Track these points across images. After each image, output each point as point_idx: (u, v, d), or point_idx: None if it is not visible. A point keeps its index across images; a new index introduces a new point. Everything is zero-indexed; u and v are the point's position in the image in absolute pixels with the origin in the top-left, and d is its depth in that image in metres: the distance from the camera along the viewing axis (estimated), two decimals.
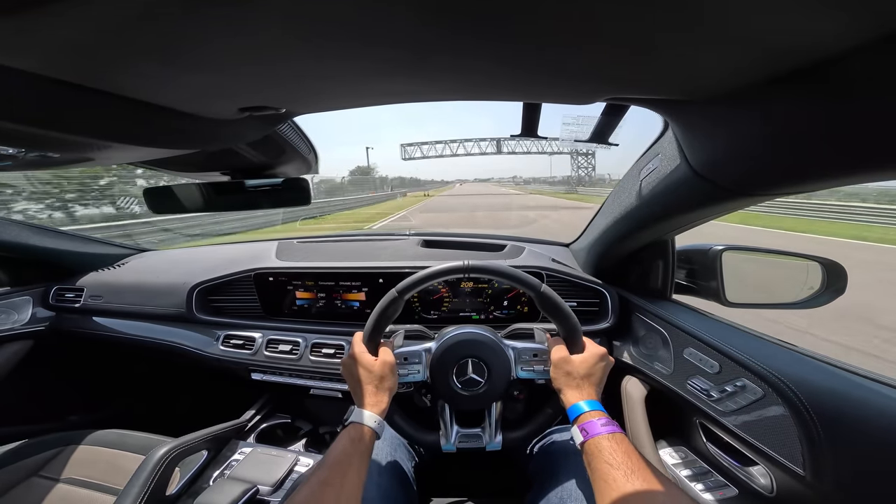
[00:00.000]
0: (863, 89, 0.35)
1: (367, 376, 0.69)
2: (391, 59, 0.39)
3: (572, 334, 0.73)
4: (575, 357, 0.70)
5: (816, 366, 0.67)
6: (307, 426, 1.33)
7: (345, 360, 0.73)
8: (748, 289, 0.97)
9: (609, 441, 0.56)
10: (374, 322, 0.73)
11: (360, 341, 0.74)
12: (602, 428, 0.58)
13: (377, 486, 0.74)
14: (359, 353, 0.71)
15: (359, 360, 0.70)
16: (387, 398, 0.69)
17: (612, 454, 0.54)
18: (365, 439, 0.62)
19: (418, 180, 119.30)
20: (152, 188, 0.83)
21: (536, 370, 0.78)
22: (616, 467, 0.52)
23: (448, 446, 0.77)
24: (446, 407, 0.80)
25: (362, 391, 0.68)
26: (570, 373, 0.68)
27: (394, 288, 0.74)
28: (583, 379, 0.67)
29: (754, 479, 0.73)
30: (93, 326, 1.39)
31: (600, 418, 0.60)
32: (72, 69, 0.36)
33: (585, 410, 0.62)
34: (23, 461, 1.04)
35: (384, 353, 0.73)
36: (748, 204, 0.64)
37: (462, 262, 0.75)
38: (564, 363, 0.69)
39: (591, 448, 0.57)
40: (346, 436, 0.62)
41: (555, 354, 0.72)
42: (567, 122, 0.66)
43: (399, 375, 0.76)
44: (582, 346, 0.72)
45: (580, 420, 0.62)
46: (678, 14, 0.29)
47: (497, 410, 0.80)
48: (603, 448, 0.56)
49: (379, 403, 0.67)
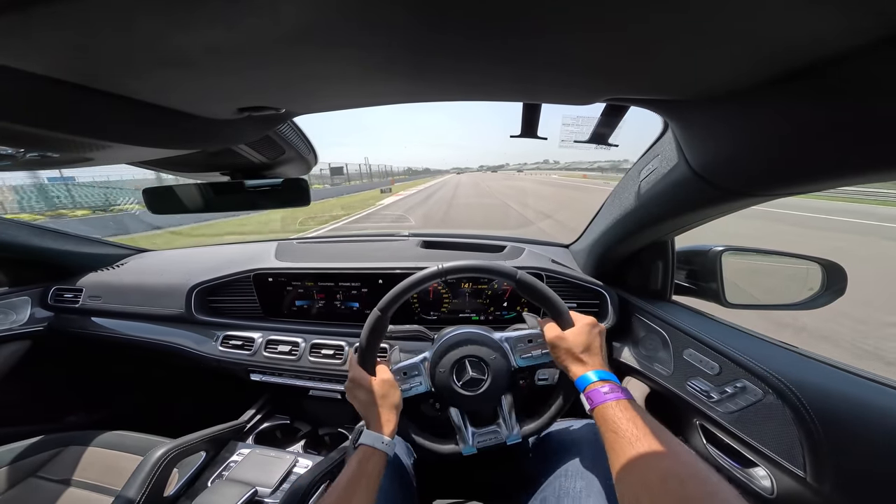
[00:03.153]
0: (863, 89, 0.35)
1: (370, 397, 0.70)
2: (391, 60, 0.39)
3: (558, 312, 0.73)
4: (568, 333, 0.70)
5: (817, 367, 0.67)
6: (306, 427, 1.32)
7: (347, 386, 0.74)
8: (748, 290, 0.97)
9: (614, 409, 0.56)
10: (365, 343, 0.74)
11: (356, 364, 0.74)
12: (605, 396, 0.58)
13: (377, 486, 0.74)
14: (358, 377, 0.72)
15: (359, 383, 0.71)
16: (394, 416, 0.70)
17: (617, 421, 0.54)
18: (374, 460, 0.63)
19: (412, 170, 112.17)
20: (152, 188, 0.83)
21: (535, 355, 0.78)
22: (621, 435, 0.52)
23: (468, 449, 0.77)
24: (455, 411, 0.80)
25: (370, 414, 0.69)
26: (570, 349, 0.68)
27: (375, 307, 0.75)
28: (583, 352, 0.68)
29: (754, 481, 0.72)
30: (92, 327, 1.38)
31: (604, 385, 0.60)
32: (72, 69, 0.36)
33: (593, 380, 0.62)
34: (21, 462, 1.03)
35: (381, 371, 0.74)
36: (748, 204, 0.64)
37: (436, 267, 0.75)
38: (560, 341, 0.70)
39: (598, 417, 0.57)
40: (356, 459, 0.63)
41: (548, 334, 0.72)
42: (567, 122, 0.66)
43: (403, 391, 0.76)
44: (571, 320, 0.73)
45: (587, 389, 0.62)
46: (679, 14, 0.29)
47: (508, 403, 0.79)
48: (608, 416, 0.55)
49: (388, 423, 0.68)
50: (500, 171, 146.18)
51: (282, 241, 1.45)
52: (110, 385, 1.66)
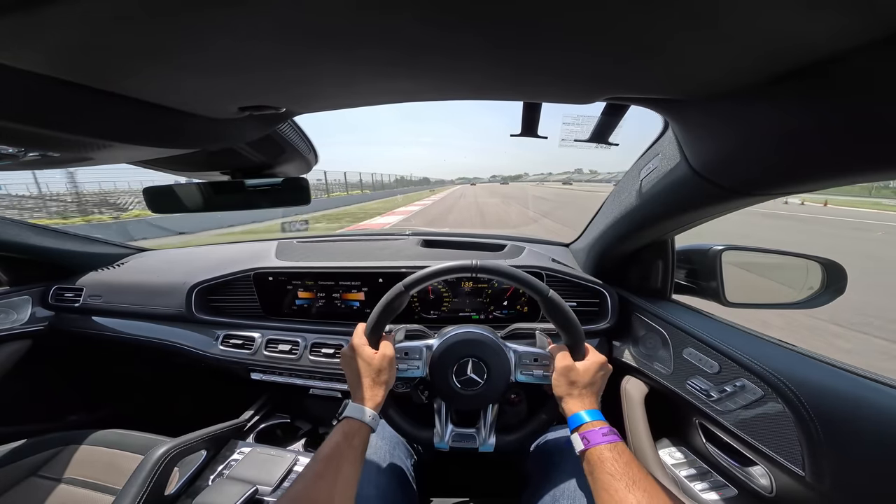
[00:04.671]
0: (863, 89, 0.35)
1: (366, 369, 0.69)
2: (391, 60, 0.39)
3: (577, 343, 0.72)
4: (579, 365, 0.70)
5: (816, 366, 0.67)
6: (306, 426, 1.33)
7: (344, 351, 0.73)
8: (748, 289, 0.97)
9: (611, 451, 0.57)
10: (378, 315, 0.73)
11: (361, 333, 0.73)
12: (604, 438, 0.59)
13: (376, 486, 0.74)
14: (359, 345, 0.71)
15: (358, 352, 0.70)
16: (382, 392, 0.69)
17: (614, 464, 0.55)
18: (359, 434, 0.62)
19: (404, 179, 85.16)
20: (152, 187, 0.83)
21: (536, 375, 0.77)
22: (618, 478, 0.53)
23: (441, 444, 0.78)
24: (443, 405, 0.80)
25: (358, 384, 0.68)
26: (575, 382, 0.68)
27: (401, 282, 0.74)
28: (585, 388, 0.68)
29: (754, 480, 0.73)
30: (92, 326, 1.38)
31: (601, 427, 0.61)
32: (72, 69, 0.36)
33: (587, 420, 0.63)
34: (21, 461, 1.03)
35: (385, 346, 0.73)
36: (748, 204, 0.64)
37: (470, 262, 0.74)
38: (569, 371, 0.69)
39: (593, 458, 0.57)
40: (340, 430, 0.62)
41: (559, 362, 0.71)
42: (567, 121, 0.66)
43: (398, 370, 0.76)
44: (584, 353, 0.72)
45: (582, 429, 0.62)
46: (679, 14, 0.29)
47: (493, 412, 0.80)
48: (605, 458, 0.56)
49: (374, 397, 0.67)
50: (512, 183, 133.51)
51: (282, 241, 1.45)
52: (111, 384, 1.66)
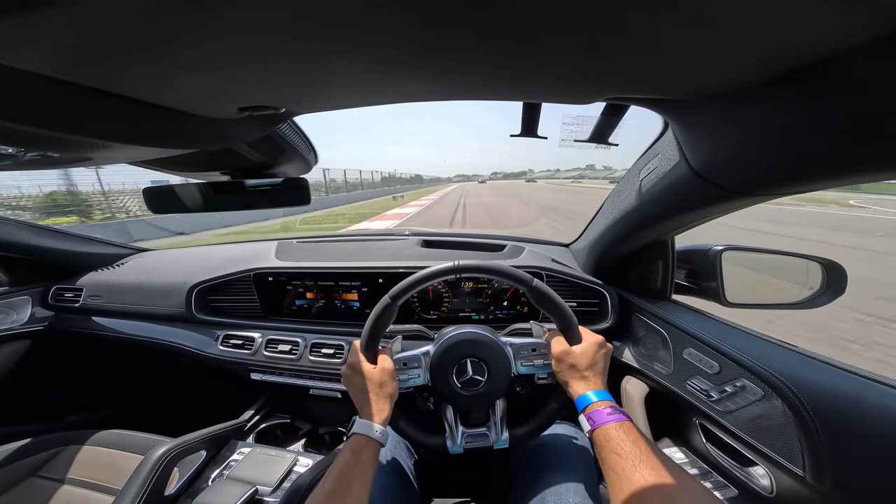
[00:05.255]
0: (863, 89, 0.35)
1: (368, 384, 0.69)
2: (391, 60, 0.39)
3: (569, 326, 0.73)
4: (576, 348, 0.70)
5: (816, 366, 0.67)
6: (306, 426, 1.33)
7: (344, 371, 0.73)
8: (748, 289, 0.97)
9: (616, 430, 0.56)
10: (370, 330, 0.73)
11: (357, 350, 0.74)
12: (609, 417, 0.58)
13: (378, 485, 0.74)
14: (357, 363, 0.72)
15: (358, 369, 0.71)
16: (388, 406, 0.69)
17: (620, 443, 0.54)
18: (368, 449, 0.63)
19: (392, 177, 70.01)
20: (152, 187, 0.83)
21: (536, 364, 0.78)
22: (624, 457, 0.52)
23: (455, 448, 0.77)
24: (449, 409, 0.80)
25: (363, 401, 0.69)
26: (575, 365, 0.68)
27: (386, 294, 0.74)
28: (587, 369, 0.68)
29: (754, 480, 0.73)
30: (92, 326, 1.38)
31: (606, 407, 0.60)
32: (72, 69, 0.36)
33: (593, 400, 0.62)
34: (21, 461, 1.03)
35: (383, 359, 0.73)
36: (748, 204, 0.64)
37: (452, 263, 0.74)
38: (566, 356, 0.70)
39: (600, 437, 0.57)
40: (349, 447, 0.62)
41: (555, 348, 0.72)
42: (567, 121, 0.66)
43: (400, 381, 0.76)
44: (579, 336, 0.72)
45: (588, 410, 0.62)
46: (679, 14, 0.29)
47: (501, 408, 0.79)
48: (611, 437, 0.56)
49: (381, 412, 0.68)
50: (514, 180, 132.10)
51: (282, 241, 1.45)
52: (110, 384, 1.66)
